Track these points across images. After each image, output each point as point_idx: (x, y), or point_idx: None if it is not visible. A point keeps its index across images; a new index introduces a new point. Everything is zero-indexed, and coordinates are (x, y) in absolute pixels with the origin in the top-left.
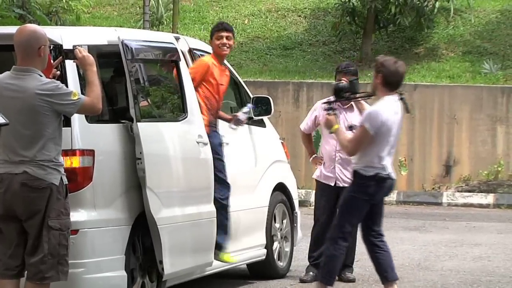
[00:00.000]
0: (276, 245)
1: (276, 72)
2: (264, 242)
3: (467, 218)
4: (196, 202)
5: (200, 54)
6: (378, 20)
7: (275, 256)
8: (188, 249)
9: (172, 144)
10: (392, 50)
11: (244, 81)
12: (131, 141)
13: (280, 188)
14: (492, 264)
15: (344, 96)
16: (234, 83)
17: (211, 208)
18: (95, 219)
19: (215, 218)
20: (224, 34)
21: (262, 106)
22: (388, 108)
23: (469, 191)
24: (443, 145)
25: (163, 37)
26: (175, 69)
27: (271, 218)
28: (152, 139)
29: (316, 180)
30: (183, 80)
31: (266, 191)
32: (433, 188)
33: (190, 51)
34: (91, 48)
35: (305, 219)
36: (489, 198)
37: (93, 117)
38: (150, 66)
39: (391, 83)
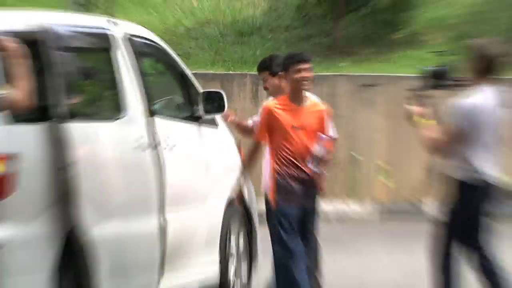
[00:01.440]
0: (232, 265)
1: (230, 62)
2: (218, 262)
3: None
4: (137, 216)
5: (140, 42)
6: (350, 1)
7: (231, 278)
8: (130, 269)
9: (108, 147)
10: (366, 36)
11: (192, 74)
12: (62, 144)
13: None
14: None
15: (444, 83)
16: (180, 76)
17: (154, 223)
18: (19, 234)
19: (160, 234)
20: (304, 66)
21: (214, 103)
22: (482, 99)
23: None
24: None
25: (95, 22)
26: (110, 59)
27: (225, 234)
28: (85, 142)
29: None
30: (120, 72)
31: (220, 202)
32: (416, 198)
33: (129, 37)
34: (11, 35)
35: (264, 233)
36: None
37: (18, 116)
38: (80, 55)
39: (489, 69)
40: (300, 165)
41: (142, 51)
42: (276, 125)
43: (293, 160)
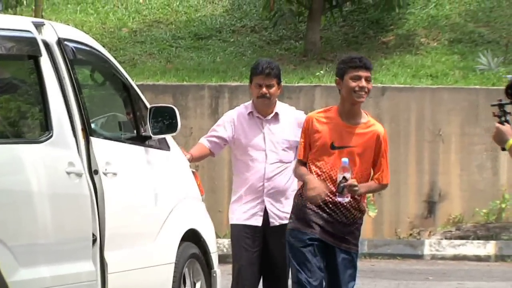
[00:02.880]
0: None
1: (185, 71)
2: None
3: (459, 277)
4: (69, 259)
5: (74, 47)
6: None
7: None
8: None
9: (32, 174)
10: (350, 38)
11: (139, 85)
12: None
13: (192, 237)
14: None
15: None
16: (124, 88)
17: (90, 266)
18: None
19: (95, 281)
20: (363, 74)
21: (164, 120)
22: None
23: (462, 238)
24: (424, 172)
25: (16, 23)
26: (34, 69)
27: (179, 280)
28: (2, 168)
29: (232, 225)
30: (45, 83)
31: (171, 241)
32: (410, 235)
33: (60, 42)
34: None
35: (228, 282)
36: (489, 248)
37: None
38: None
39: None
40: (335, 203)
41: (77, 58)
42: (314, 141)
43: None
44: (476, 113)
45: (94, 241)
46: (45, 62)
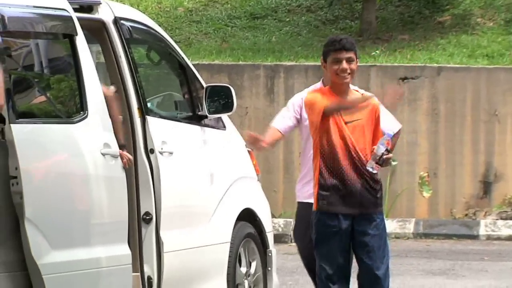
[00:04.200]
0: None
1: (240, 51)
2: None
3: None
4: (102, 242)
5: (131, 26)
6: None
7: None
8: None
9: (65, 155)
10: (406, 18)
11: (195, 65)
12: (3, 151)
13: (248, 216)
14: None
15: None
16: (180, 67)
17: (125, 250)
18: None
19: (129, 265)
20: (344, 55)
21: (220, 100)
22: None
23: None
24: (479, 152)
25: (51, 1)
26: (69, 48)
27: (234, 259)
28: (34, 149)
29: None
30: (80, 64)
31: (227, 221)
32: (466, 215)
33: (116, 21)
34: None
35: (284, 261)
36: None
37: None
38: (31, 42)
39: None
40: (353, 166)
41: (133, 37)
42: (320, 118)
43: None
44: None
45: (149, 220)
46: (79, 41)
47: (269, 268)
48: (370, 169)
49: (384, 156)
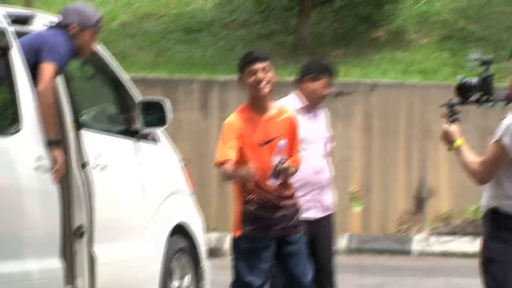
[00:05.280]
0: None
1: (175, 64)
2: None
3: (446, 273)
4: (34, 255)
5: None
6: None
7: None
8: None
9: None
10: (340, 33)
11: (129, 78)
12: None
13: (181, 231)
14: None
15: (472, 98)
16: (113, 82)
17: (57, 263)
18: None
19: (62, 278)
20: (258, 66)
21: (154, 114)
22: None
23: (450, 234)
24: (412, 168)
25: None
26: (3, 60)
27: (166, 274)
28: None
29: None
30: (15, 75)
31: (160, 235)
32: (398, 231)
33: None
34: None
35: (217, 275)
36: (478, 244)
37: None
38: None
39: None
40: (268, 188)
41: None
42: (240, 142)
43: (261, 182)
44: (466, 110)
45: (82, 233)
46: (13, 53)
47: (202, 283)
48: (272, 181)
49: (279, 167)
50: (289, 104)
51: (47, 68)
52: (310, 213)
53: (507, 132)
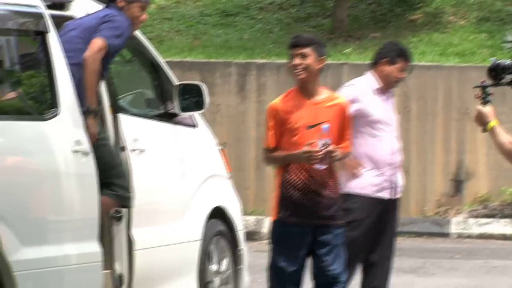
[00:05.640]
0: None
1: (212, 48)
2: None
3: (485, 255)
4: (73, 239)
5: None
6: None
7: None
8: None
9: (35, 152)
10: (378, 16)
11: (166, 62)
12: None
13: (218, 214)
14: None
15: (505, 79)
16: (151, 66)
17: (95, 247)
18: None
19: (100, 262)
20: (296, 51)
21: (192, 98)
22: None
23: (488, 217)
24: (450, 151)
25: None
26: (41, 45)
27: (205, 257)
28: (4, 145)
29: (353, 195)
30: (53, 60)
31: (198, 219)
32: (437, 213)
33: None
34: None
35: (255, 258)
36: None
37: None
38: (2, 39)
39: None
40: (311, 172)
41: None
42: (285, 126)
43: (304, 166)
44: (503, 92)
45: (120, 217)
46: (51, 38)
47: (240, 266)
48: (318, 166)
49: (324, 150)
50: (366, 83)
51: (96, 42)
52: (384, 193)
53: None
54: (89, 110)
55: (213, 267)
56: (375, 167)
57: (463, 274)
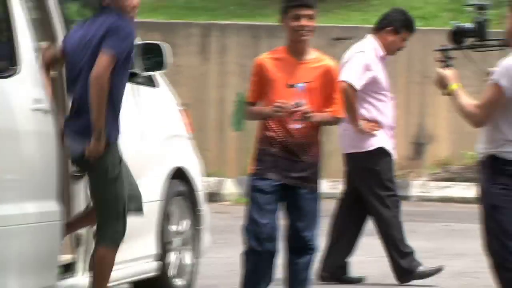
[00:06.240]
0: (172, 256)
1: (175, 9)
2: (155, 251)
3: (445, 218)
4: (32, 198)
5: None
6: None
7: (171, 272)
8: (21, 265)
9: None
10: None
11: None
12: None
13: (179, 175)
14: (478, 282)
15: (466, 43)
16: None
17: (54, 206)
18: None
19: (59, 221)
20: (304, 12)
21: (153, 58)
22: None
23: (448, 180)
24: (411, 114)
25: None
26: (1, 3)
27: (164, 217)
28: None
29: (376, 149)
30: (13, 16)
31: (157, 179)
32: (397, 176)
33: None
34: None
35: (215, 220)
36: (475, 190)
37: None
38: None
39: None
40: (289, 130)
41: None
42: (267, 82)
43: (282, 124)
44: (464, 56)
45: (80, 176)
46: None
47: (200, 227)
48: (294, 126)
49: (295, 108)
50: (373, 50)
51: (103, 59)
52: (394, 154)
53: (505, 74)
54: (97, 131)
55: (173, 227)
56: (385, 131)
57: (423, 236)
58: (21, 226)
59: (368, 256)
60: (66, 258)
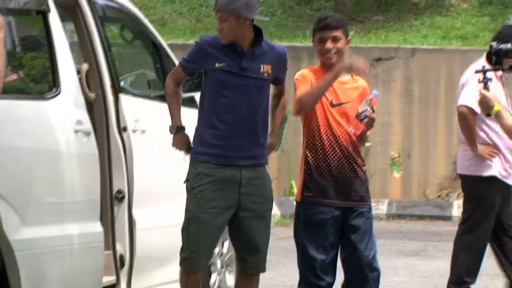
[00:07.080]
0: (214, 277)
1: (214, 31)
2: None
3: None
4: (74, 219)
5: (105, 4)
6: None
7: None
8: (65, 286)
9: (36, 132)
10: None
11: (169, 45)
12: None
13: None
14: None
15: (505, 64)
16: (153, 47)
17: (97, 227)
18: None
19: (103, 243)
20: (328, 34)
21: (194, 79)
22: None
23: None
24: (452, 134)
25: None
26: (42, 25)
27: None
28: (6, 125)
29: (492, 178)
30: (53, 40)
31: None
32: (439, 196)
33: (90, 0)
34: None
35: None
36: None
37: None
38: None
39: None
40: (348, 133)
41: (106, 15)
42: None
43: (329, 145)
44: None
45: (122, 198)
46: (52, 17)
47: None
48: (352, 130)
49: (365, 113)
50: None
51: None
52: (510, 180)
53: None
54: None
55: (216, 249)
56: (503, 155)
57: None
58: (64, 247)
59: (411, 277)
60: (109, 279)
